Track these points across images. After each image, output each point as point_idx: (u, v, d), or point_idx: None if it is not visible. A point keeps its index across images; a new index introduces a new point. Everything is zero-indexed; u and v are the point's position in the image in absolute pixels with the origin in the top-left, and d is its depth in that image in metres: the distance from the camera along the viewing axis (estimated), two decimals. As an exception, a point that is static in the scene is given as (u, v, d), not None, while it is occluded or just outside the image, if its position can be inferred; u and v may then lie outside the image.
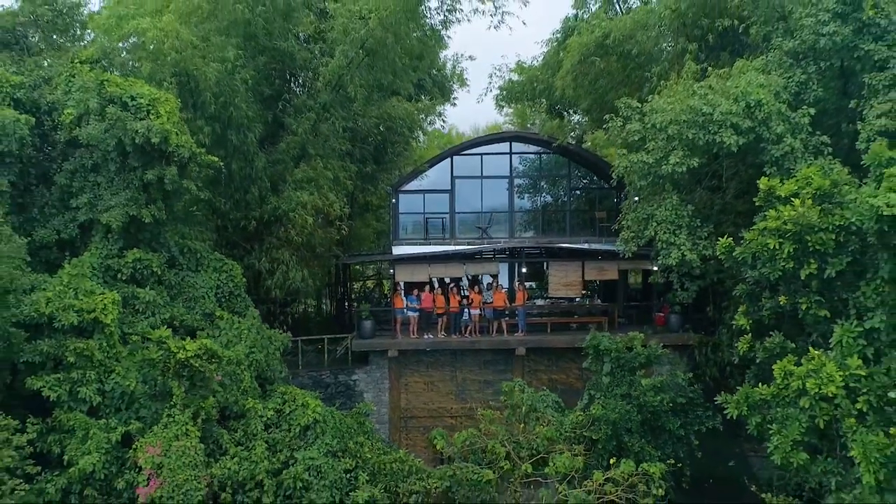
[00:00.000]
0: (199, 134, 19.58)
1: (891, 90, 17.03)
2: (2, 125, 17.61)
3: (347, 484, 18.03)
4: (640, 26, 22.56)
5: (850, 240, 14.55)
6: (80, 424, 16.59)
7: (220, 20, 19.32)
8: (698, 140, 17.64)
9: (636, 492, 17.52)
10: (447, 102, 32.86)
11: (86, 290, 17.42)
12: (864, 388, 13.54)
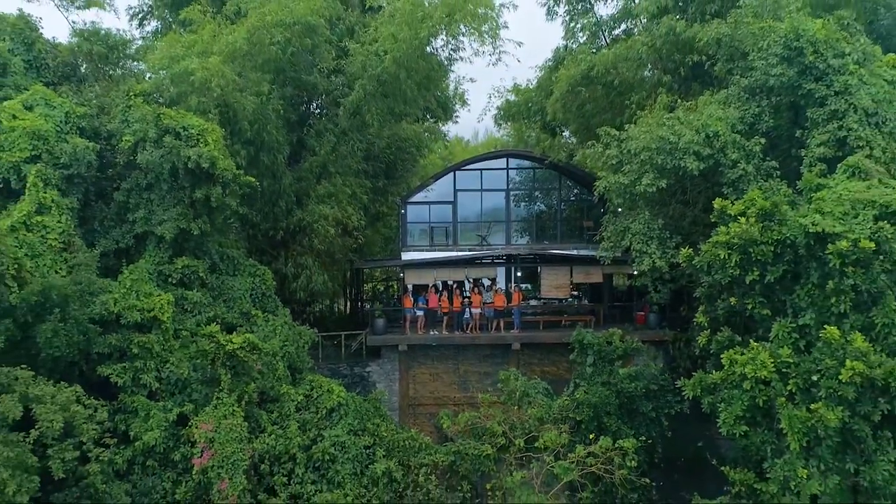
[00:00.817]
0: (237, 156, 22.39)
1: (829, 123, 19.87)
2: (74, 152, 20.53)
3: (367, 457, 20.91)
4: (621, 59, 25.41)
5: (786, 251, 17.41)
6: (142, 406, 19.46)
7: (256, 59, 22.17)
8: (666, 164, 20.50)
9: (613, 464, 20.43)
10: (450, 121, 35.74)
11: (145, 293, 20.28)
12: (794, 373, 16.46)
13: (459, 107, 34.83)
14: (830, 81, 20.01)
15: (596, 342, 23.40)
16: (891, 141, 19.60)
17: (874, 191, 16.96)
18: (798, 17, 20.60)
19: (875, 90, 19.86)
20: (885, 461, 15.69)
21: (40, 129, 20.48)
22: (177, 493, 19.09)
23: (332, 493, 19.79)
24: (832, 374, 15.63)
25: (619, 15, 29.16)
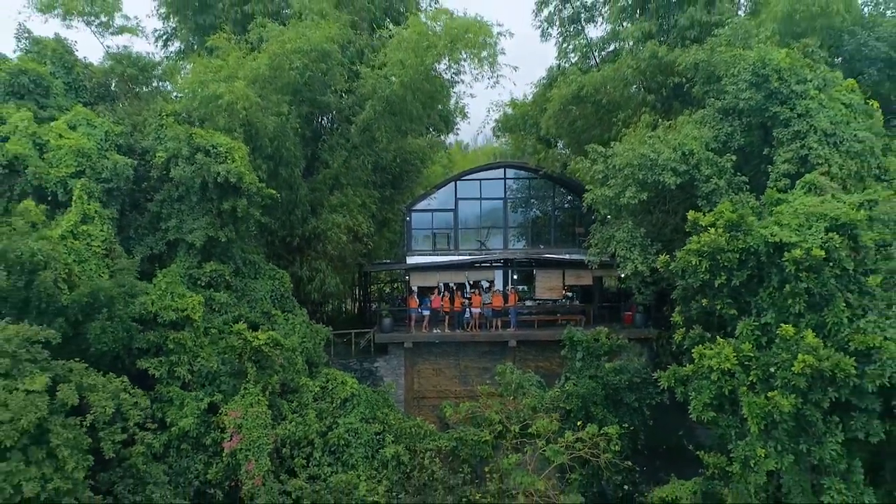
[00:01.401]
0: (258, 170, 24.47)
1: (792, 142, 22.01)
2: (115, 168, 22.66)
3: (377, 443, 23.06)
4: (609, 80, 27.53)
5: (750, 258, 19.53)
6: (177, 396, 21.59)
7: (276, 82, 24.26)
8: (647, 179, 22.62)
9: (598, 449, 22.55)
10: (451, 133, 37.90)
11: (179, 294, 22.38)
12: (754, 366, 18.60)
13: (460, 119, 36.98)
14: (794, 105, 22.16)
15: (585, 339, 25.53)
16: (847, 158, 21.73)
17: (826, 205, 19.08)
18: (765, 46, 22.75)
19: (833, 113, 21.99)
20: (833, 442, 17.83)
21: (84, 147, 22.61)
22: (208, 474, 21.23)
23: (346, 474, 21.93)
24: (787, 366, 17.75)
25: (608, 37, 31.27)
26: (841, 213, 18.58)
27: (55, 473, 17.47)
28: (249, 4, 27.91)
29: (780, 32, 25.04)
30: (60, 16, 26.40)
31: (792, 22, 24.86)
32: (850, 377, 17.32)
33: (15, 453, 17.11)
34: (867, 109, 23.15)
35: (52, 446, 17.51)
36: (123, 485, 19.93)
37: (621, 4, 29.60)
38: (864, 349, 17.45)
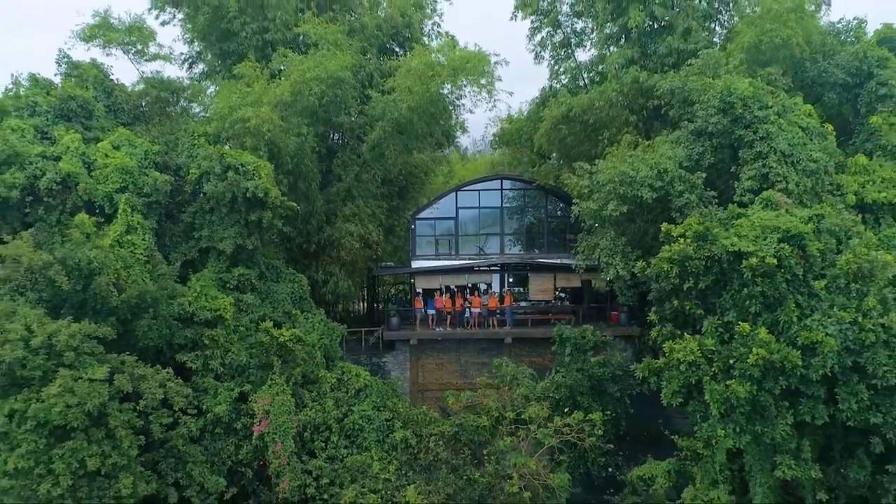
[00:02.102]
0: (280, 184, 27.05)
1: (755, 162, 24.63)
2: (154, 184, 25.29)
3: (387, 428, 25.65)
4: (595, 102, 30.09)
5: (714, 265, 22.16)
6: (211, 386, 24.22)
7: (297, 107, 26.86)
8: (627, 194, 25.22)
9: (584, 433, 25.19)
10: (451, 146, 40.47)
11: (211, 296, 25.03)
12: (717, 358, 21.26)
13: (460, 133, 39.53)
14: (756, 128, 24.80)
15: (573, 336, 28.18)
16: (803, 176, 24.40)
17: (780, 219, 21.73)
18: (731, 77, 25.41)
19: (791, 136, 24.64)
20: (783, 424, 20.52)
21: (127, 165, 25.23)
22: (239, 454, 23.88)
23: (360, 455, 24.56)
24: (743, 358, 20.40)
25: (596, 60, 33.87)
26: (791, 225, 21.26)
27: (113, 451, 20.15)
28: (269, 33, 30.48)
29: (747, 61, 27.60)
30: (101, 45, 29.04)
31: (758, 51, 27.42)
32: (797, 368, 20.00)
33: (78, 434, 19.79)
34: (822, 132, 25.84)
35: (110, 427, 20.20)
36: (166, 463, 22.59)
37: (607, 32, 32.19)
38: (809, 344, 20.13)
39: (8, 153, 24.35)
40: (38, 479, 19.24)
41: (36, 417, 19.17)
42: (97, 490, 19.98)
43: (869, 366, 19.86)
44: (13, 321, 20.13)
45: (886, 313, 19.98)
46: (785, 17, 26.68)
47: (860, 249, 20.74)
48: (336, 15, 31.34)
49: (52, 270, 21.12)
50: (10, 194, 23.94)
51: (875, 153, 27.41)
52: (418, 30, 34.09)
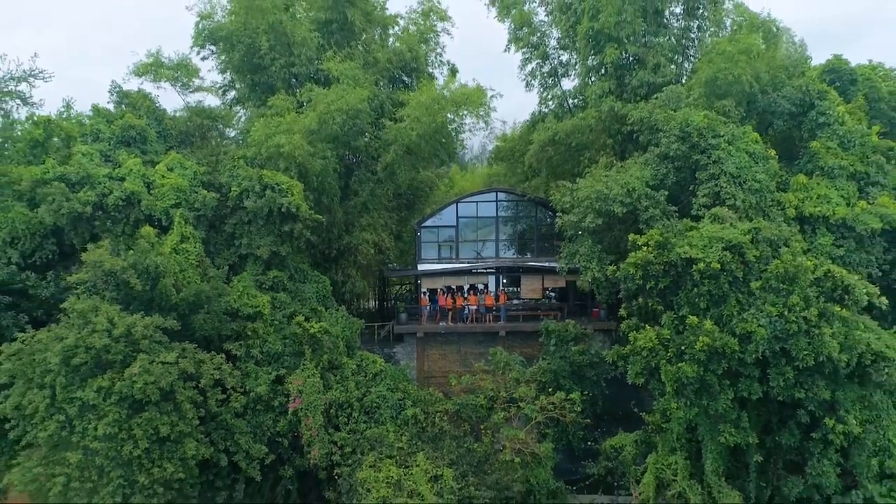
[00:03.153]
0: (307, 199, 31.25)
1: (709, 182, 28.87)
2: (203, 200, 29.51)
3: (400, 406, 29.85)
4: (577, 128, 34.41)
5: (671, 269, 26.40)
6: (252, 370, 28.42)
7: (322, 134, 31.06)
8: (601, 208, 29.44)
9: (565, 410, 29.44)
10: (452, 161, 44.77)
11: (251, 294, 29.25)
12: (671, 345, 25.54)
13: (460, 150, 43.70)
14: (709, 154, 29.08)
15: (557, 329, 32.44)
16: (749, 194, 28.66)
17: (724, 231, 26.01)
18: (689, 110, 29.66)
19: (739, 160, 28.90)
20: (725, 398, 24.77)
21: (180, 185, 29.46)
22: (277, 427, 28.06)
23: (377, 428, 28.74)
24: (692, 345, 24.68)
25: (579, 88, 38.14)
26: (733, 236, 25.55)
27: (179, 421, 24.38)
28: (295, 67, 34.72)
29: (706, 94, 31.75)
30: (151, 79, 33.28)
31: (714, 86, 31.58)
32: (735, 352, 24.30)
33: (152, 406, 24.02)
34: (766, 156, 30.09)
35: (177, 402, 24.42)
36: (217, 434, 26.77)
37: (589, 64, 36.44)
38: (745, 333, 24.40)
39: (82, 175, 28.59)
40: (121, 442, 23.44)
41: (120, 393, 23.36)
42: (167, 452, 24.21)
43: (793, 350, 24.15)
44: (97, 315, 24.35)
45: (807, 308, 24.27)
46: (736, 58, 30.88)
47: (787, 257, 25.04)
48: (352, 51, 35.61)
49: (127, 273, 25.35)
50: (85, 209, 28.15)
51: (815, 173, 31.63)
52: (424, 61, 38.31)
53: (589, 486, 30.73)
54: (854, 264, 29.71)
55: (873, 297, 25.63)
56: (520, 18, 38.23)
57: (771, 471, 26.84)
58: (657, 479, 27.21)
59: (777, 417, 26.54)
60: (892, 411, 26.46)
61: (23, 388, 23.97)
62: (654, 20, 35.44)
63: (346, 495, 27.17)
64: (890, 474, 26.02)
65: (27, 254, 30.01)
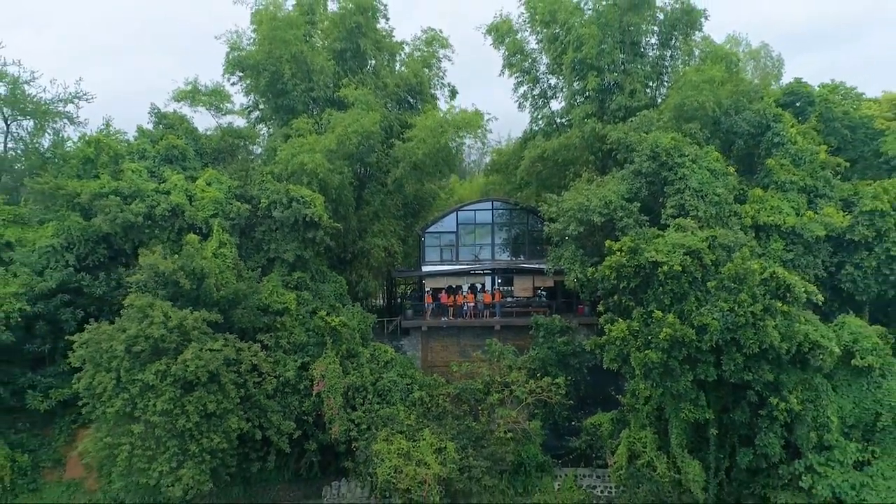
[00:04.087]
0: (326, 210, 35.30)
1: (675, 195, 32.96)
2: (238, 211, 33.56)
3: (408, 389, 33.90)
4: (563, 146, 38.53)
5: (641, 271, 30.48)
6: (281, 358, 32.36)
7: (339, 153, 35.09)
8: (583, 218, 33.51)
9: (552, 393, 33.54)
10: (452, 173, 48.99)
11: (279, 293, 33.30)
12: (640, 336, 29.66)
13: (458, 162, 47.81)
14: (676, 171, 33.17)
15: (545, 323, 36.52)
16: (710, 206, 32.74)
17: (686, 238, 30.10)
18: (658, 133, 33.73)
19: (701, 176, 33.00)
20: (685, 380, 28.84)
21: (217, 198, 33.51)
22: (303, 407, 32.07)
23: (389, 408, 32.78)
24: (657, 335, 28.79)
25: (566, 109, 42.25)
26: (692, 243, 29.66)
27: (224, 399, 28.43)
28: (314, 91, 38.82)
29: (674, 118, 35.81)
30: (188, 104, 37.36)
31: (682, 111, 35.64)
32: (693, 341, 28.36)
33: (201, 387, 28.08)
34: (726, 172, 34.21)
35: (222, 383, 28.47)
36: (252, 412, 30.76)
37: (574, 89, 40.57)
38: (702, 325, 28.48)
39: (133, 189, 32.67)
40: (176, 416, 27.48)
41: (174, 375, 27.39)
42: (213, 426, 28.26)
43: (741, 339, 28.24)
44: (154, 310, 28.40)
45: (753, 304, 28.37)
46: (701, 87, 35.01)
47: (738, 260, 29.17)
48: (364, 77, 39.72)
49: (177, 275, 29.41)
50: (136, 219, 32.22)
51: (770, 187, 35.78)
52: (427, 85, 42.46)
53: (572, 460, 34.80)
54: (802, 266, 33.94)
55: (812, 294, 29.80)
56: (513, 47, 42.35)
57: (727, 443, 30.97)
58: (629, 451, 31.30)
59: (731, 397, 30.64)
60: (830, 392, 30.61)
61: (92, 371, 28.00)
62: (632, 50, 39.61)
63: (363, 465, 31.27)
64: (828, 446, 30.07)
65: (81, 257, 34.12)
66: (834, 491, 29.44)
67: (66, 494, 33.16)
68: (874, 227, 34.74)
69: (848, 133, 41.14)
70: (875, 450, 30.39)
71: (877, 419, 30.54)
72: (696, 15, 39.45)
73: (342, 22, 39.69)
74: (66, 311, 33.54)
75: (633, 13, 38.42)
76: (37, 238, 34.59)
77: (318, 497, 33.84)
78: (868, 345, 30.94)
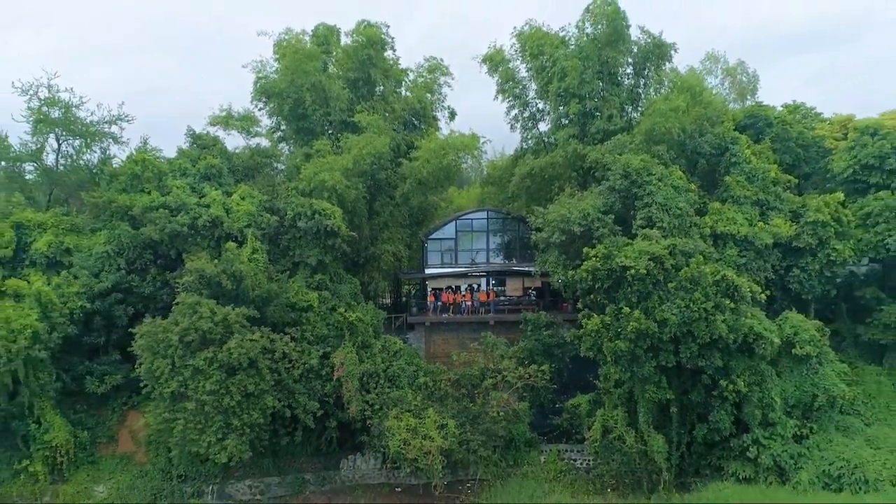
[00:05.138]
0: (343, 220, 40.19)
1: (644, 209, 37.80)
2: (268, 222, 38.44)
3: (415, 375, 38.71)
4: (549, 164, 43.47)
5: (613, 273, 35.35)
6: (306, 348, 37.07)
7: (355, 171, 39.86)
8: (565, 228, 38.34)
9: (538, 379, 38.49)
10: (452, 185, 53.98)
11: (304, 292, 38.16)
12: (611, 328, 34.59)
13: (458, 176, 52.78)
14: (645, 188, 38.03)
15: (533, 318, 41.43)
16: (673, 218, 37.60)
17: (651, 246, 34.94)
18: (629, 156, 38.62)
19: (666, 193, 37.84)
20: (649, 366, 33.85)
21: (250, 210, 38.36)
22: (325, 389, 36.80)
23: (398, 391, 37.57)
24: (626, 328, 33.75)
25: (552, 130, 47.10)
26: (656, 250, 34.59)
27: (261, 381, 33.31)
28: (331, 116, 43.69)
29: (645, 141, 40.68)
30: (222, 127, 42.26)
31: (651, 135, 40.44)
32: (655, 333, 33.34)
33: (242, 371, 32.95)
34: (688, 189, 39.12)
35: (259, 368, 33.33)
36: (282, 393, 35.40)
37: (559, 112, 45.38)
38: (662, 319, 33.44)
39: (179, 203, 37.54)
40: (221, 396, 32.28)
41: (220, 361, 32.22)
42: (252, 404, 33.07)
43: (695, 331, 33.21)
44: (201, 307, 33.25)
45: (706, 301, 33.36)
46: (668, 114, 39.91)
47: (693, 265, 34.16)
48: (374, 103, 44.61)
49: (220, 277, 34.30)
50: (182, 229, 37.08)
51: (727, 200, 40.78)
52: (430, 108, 47.36)
53: (556, 436, 39.72)
54: (753, 270, 38.91)
55: (756, 293, 34.85)
56: (506, 75, 47.22)
57: (686, 420, 35.96)
58: (603, 428, 36.12)
59: (689, 381, 35.63)
60: (774, 376, 35.58)
61: (150, 358, 32.85)
62: (609, 79, 44.52)
63: (377, 439, 36.17)
64: (772, 422, 34.99)
65: (130, 261, 39.00)
66: (776, 460, 34.40)
67: (119, 466, 37.97)
68: (817, 235, 39.78)
69: (801, 151, 46.27)
70: (812, 426, 35.43)
71: (814, 400, 35.54)
72: (665, 48, 44.34)
73: (355, 54, 44.57)
74: (118, 308, 38.42)
75: (610, 48, 43.33)
76: (91, 245, 39.40)
77: (337, 469, 38.83)
78: (807, 336, 35.96)
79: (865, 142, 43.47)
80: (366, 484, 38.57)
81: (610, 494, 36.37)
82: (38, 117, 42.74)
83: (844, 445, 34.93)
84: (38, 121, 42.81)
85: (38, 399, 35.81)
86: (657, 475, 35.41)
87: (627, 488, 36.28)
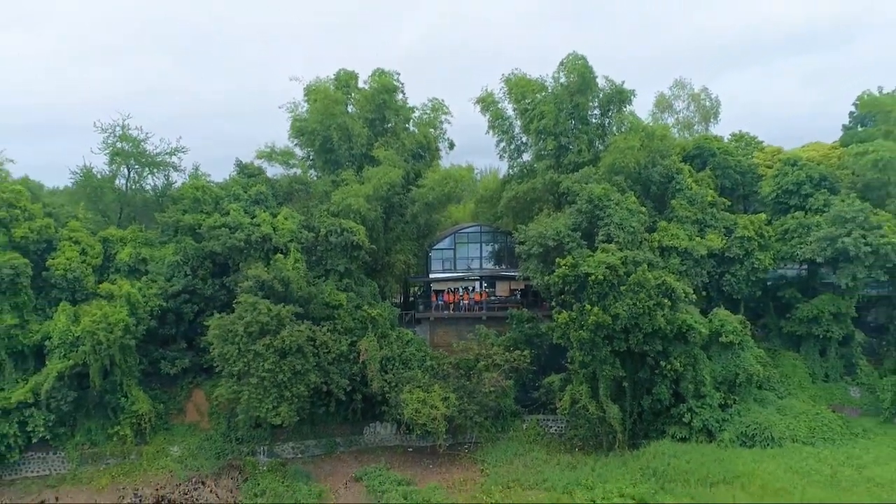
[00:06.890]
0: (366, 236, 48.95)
1: (604, 227, 46.71)
2: (306, 237, 47.28)
3: (423, 360, 47.39)
4: (530, 190, 52.38)
5: (579, 278, 44.21)
6: (338, 338, 45.99)
7: (375, 196, 48.42)
8: (542, 242, 47.11)
9: (521, 362, 47.39)
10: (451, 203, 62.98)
11: (335, 294, 46.95)
12: (578, 322, 43.56)
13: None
14: (605, 210, 46.91)
15: (518, 315, 50.38)
16: (627, 235, 46.36)
17: (608, 257, 43.98)
18: (594, 185, 47.53)
19: (621, 215, 46.55)
20: (605, 350, 42.80)
21: (293, 229, 47.14)
22: (352, 370, 45.55)
23: (410, 372, 46.30)
24: (587, 321, 42.70)
25: (534, 160, 56.00)
26: (612, 260, 43.49)
27: (306, 363, 42.17)
28: (353, 150, 52.51)
29: (608, 172, 49.48)
30: (266, 160, 51.15)
31: (613, 168, 49.21)
32: (609, 325, 42.24)
33: (291, 355, 41.78)
34: (640, 211, 47.88)
35: (304, 352, 42.15)
36: (321, 373, 44.24)
37: (538, 146, 54.21)
38: (615, 314, 42.38)
39: (236, 223, 46.40)
40: (276, 373, 40.85)
41: (275, 346, 40.89)
42: (299, 380, 41.81)
43: (640, 324, 42.11)
44: (259, 305, 42.06)
45: (649, 300, 42.34)
46: (625, 151, 48.81)
47: (640, 273, 43.15)
48: (388, 139, 53.47)
49: (273, 281, 43.15)
50: (239, 243, 45.89)
51: (672, 220, 49.77)
52: (433, 141, 56.27)
53: (535, 408, 48.66)
54: (692, 276, 47.89)
55: (689, 294, 43.88)
56: (495, 114, 56.01)
57: (637, 394, 44.92)
58: (571, 400, 44.93)
59: (638, 362, 44.54)
60: (705, 359, 44.50)
61: (220, 345, 41.59)
62: (580, 120, 53.25)
63: (394, 408, 45.01)
64: (702, 395, 43.78)
65: (194, 269, 47.76)
66: (705, 424, 43.27)
67: (188, 432, 46.67)
68: (744, 247, 48.96)
69: (739, 177, 55.49)
70: (735, 398, 44.38)
71: (736, 377, 44.47)
72: (625, 94, 53.09)
73: (372, 98, 53.40)
74: (186, 306, 47.15)
75: (580, 94, 52.16)
76: (162, 255, 48.10)
77: (361, 434, 47.73)
78: (731, 328, 44.95)
79: (787, 171, 52.78)
80: (384, 446, 47.50)
81: (577, 453, 45.23)
82: (113, 150, 51.40)
83: (759, 413, 43.97)
84: (113, 153, 51.46)
85: (127, 378, 44.42)
86: (614, 437, 44.19)
87: (591, 448, 45.02)
